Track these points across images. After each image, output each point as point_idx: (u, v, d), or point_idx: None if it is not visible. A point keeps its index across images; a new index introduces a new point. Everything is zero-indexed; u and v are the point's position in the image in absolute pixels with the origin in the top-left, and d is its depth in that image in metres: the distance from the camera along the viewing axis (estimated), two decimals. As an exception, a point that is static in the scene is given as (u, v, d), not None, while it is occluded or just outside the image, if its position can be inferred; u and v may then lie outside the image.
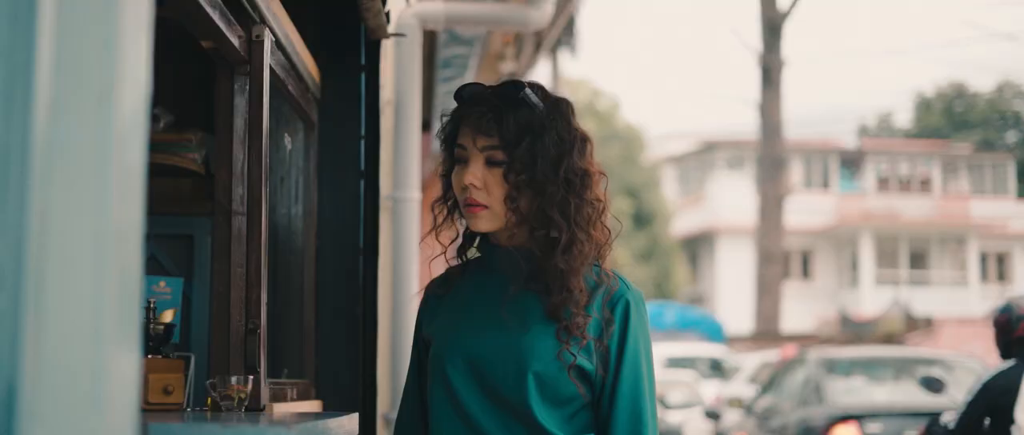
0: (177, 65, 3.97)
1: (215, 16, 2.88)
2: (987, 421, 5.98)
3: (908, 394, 10.41)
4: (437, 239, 2.58)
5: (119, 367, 1.36)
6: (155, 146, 3.86)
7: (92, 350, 1.32)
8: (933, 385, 7.00)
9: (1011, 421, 5.82)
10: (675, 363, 23.53)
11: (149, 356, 3.13)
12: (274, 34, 3.33)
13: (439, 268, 2.70)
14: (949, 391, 7.06)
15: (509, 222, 2.45)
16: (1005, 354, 6.00)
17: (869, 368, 11.70)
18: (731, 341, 27.94)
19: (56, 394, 1.28)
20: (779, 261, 28.84)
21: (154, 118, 3.90)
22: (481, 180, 2.43)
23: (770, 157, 28.58)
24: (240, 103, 3.20)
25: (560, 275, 2.42)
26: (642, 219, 40.34)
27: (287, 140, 3.80)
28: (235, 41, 3.09)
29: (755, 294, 29.08)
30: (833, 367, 11.32)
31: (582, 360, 2.41)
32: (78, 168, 1.31)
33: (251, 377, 3.03)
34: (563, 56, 17.08)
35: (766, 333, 27.42)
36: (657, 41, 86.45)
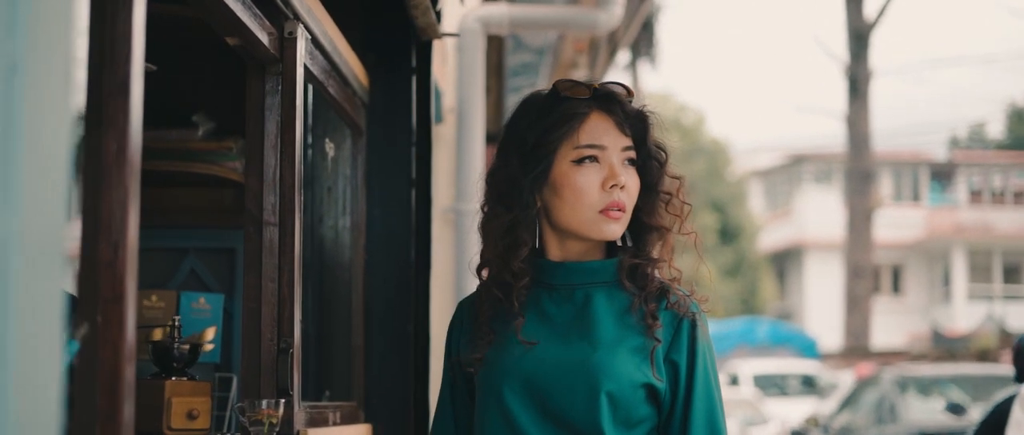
0: (218, 69, 3.77)
1: (237, 9, 2.65)
2: None
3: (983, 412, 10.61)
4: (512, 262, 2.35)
5: (30, 407, 1.11)
6: (193, 155, 3.68)
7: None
8: (956, 409, 7.68)
9: None
10: (764, 381, 23.16)
11: (173, 378, 2.91)
12: (310, 31, 3.10)
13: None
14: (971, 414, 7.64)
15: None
16: (1020, 379, 6.26)
17: (945, 387, 11.76)
18: (824, 358, 27.43)
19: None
20: (869, 276, 28.27)
21: (192, 125, 3.71)
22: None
23: (858, 170, 28.05)
24: (272, 105, 2.97)
25: (647, 278, 2.33)
26: (729, 234, 39.86)
27: (329, 147, 3.57)
28: (264, 38, 2.86)
29: (844, 310, 28.53)
30: (908, 385, 11.51)
31: (653, 379, 2.27)
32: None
33: (282, 401, 2.80)
34: (643, 69, 16.75)
35: (856, 349, 26.87)
36: (740, 53, 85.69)
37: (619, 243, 2.42)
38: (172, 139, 3.67)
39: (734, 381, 23.85)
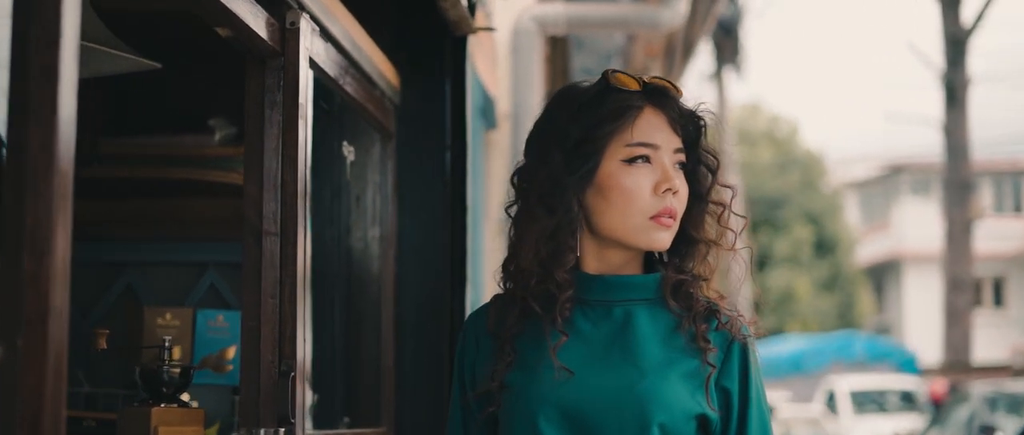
0: (236, 70, 3.52)
1: (225, -3, 2.39)
2: None
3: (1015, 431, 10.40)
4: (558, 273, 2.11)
5: None
6: (209, 162, 3.45)
7: None
8: (988, 430, 8.26)
9: None
10: (862, 398, 22.70)
11: (162, 405, 2.64)
12: (318, 22, 2.83)
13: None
14: None
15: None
16: None
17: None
18: (924, 373, 26.83)
19: None
20: (969, 289, 27.58)
21: (208, 130, 3.47)
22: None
23: (957, 180, 27.40)
24: (272, 103, 2.70)
25: (692, 297, 2.13)
26: (824, 247, 39.18)
27: (346, 150, 3.30)
28: (261, 29, 2.59)
29: (944, 323, 27.86)
30: (997, 403, 11.28)
31: (707, 409, 2.08)
32: None
33: (283, 430, 2.53)
34: (729, 79, 16.37)
35: (956, 364, 26.19)
36: (832, 61, 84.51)
37: (657, 256, 2.18)
38: (187, 145, 3.44)
39: (830, 399, 23.35)
